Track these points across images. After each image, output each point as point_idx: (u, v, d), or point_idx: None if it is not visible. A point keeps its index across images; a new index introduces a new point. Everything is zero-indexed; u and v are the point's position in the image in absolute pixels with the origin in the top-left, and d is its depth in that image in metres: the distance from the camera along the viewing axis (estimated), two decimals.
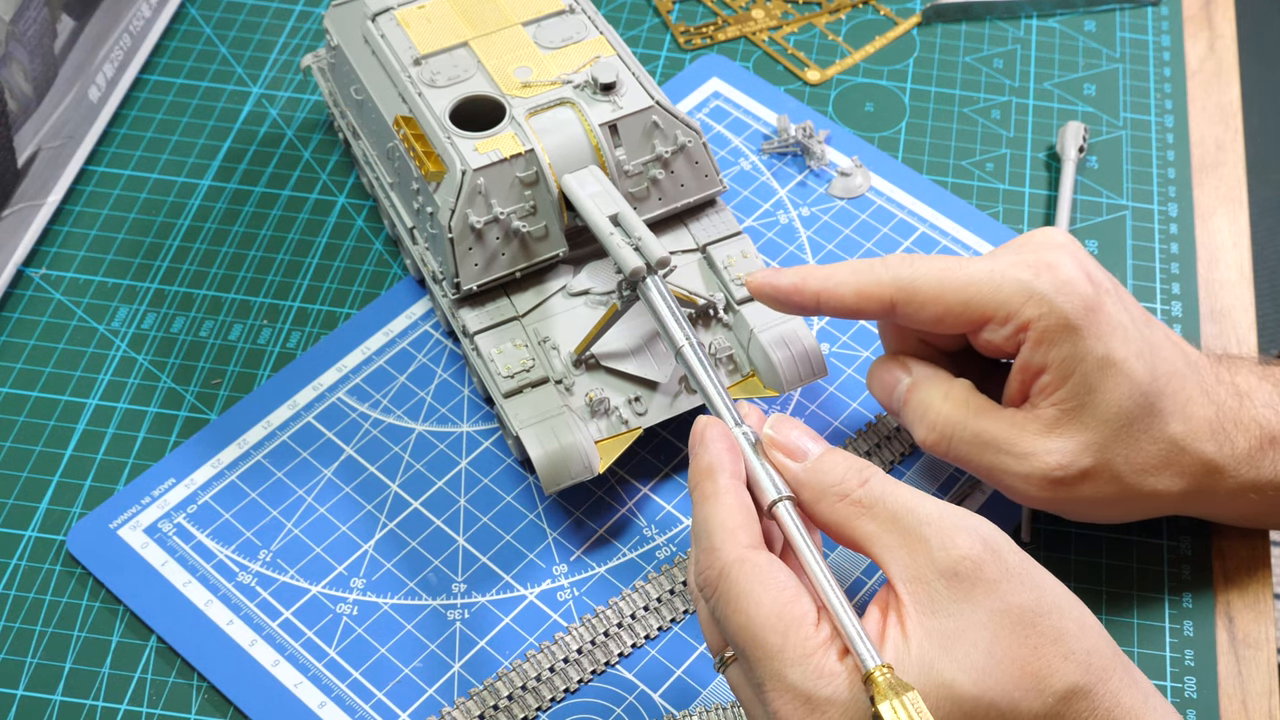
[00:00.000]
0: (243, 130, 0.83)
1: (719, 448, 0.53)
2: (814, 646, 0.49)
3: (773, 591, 0.50)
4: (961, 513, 0.50)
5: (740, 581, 0.50)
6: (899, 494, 0.51)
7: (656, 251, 0.62)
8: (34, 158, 0.77)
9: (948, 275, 0.60)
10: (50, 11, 0.77)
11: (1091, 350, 0.58)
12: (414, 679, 0.62)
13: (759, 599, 0.50)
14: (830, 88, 0.85)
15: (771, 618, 0.49)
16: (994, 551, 0.49)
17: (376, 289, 0.75)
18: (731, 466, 0.53)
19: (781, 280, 0.62)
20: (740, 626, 0.50)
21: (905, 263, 0.60)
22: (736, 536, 0.51)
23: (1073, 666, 0.49)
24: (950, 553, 0.49)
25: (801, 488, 0.53)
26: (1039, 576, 0.50)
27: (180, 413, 0.71)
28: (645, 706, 0.62)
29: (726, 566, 0.50)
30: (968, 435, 0.60)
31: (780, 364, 0.66)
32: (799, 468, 0.53)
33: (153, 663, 0.63)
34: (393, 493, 0.68)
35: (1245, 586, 0.66)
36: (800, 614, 0.49)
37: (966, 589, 0.49)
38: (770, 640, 0.49)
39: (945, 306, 0.60)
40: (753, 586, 0.50)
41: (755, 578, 0.50)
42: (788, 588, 0.50)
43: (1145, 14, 0.89)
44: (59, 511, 0.67)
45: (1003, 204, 0.79)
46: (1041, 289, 0.58)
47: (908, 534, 0.50)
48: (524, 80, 0.69)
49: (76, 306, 0.75)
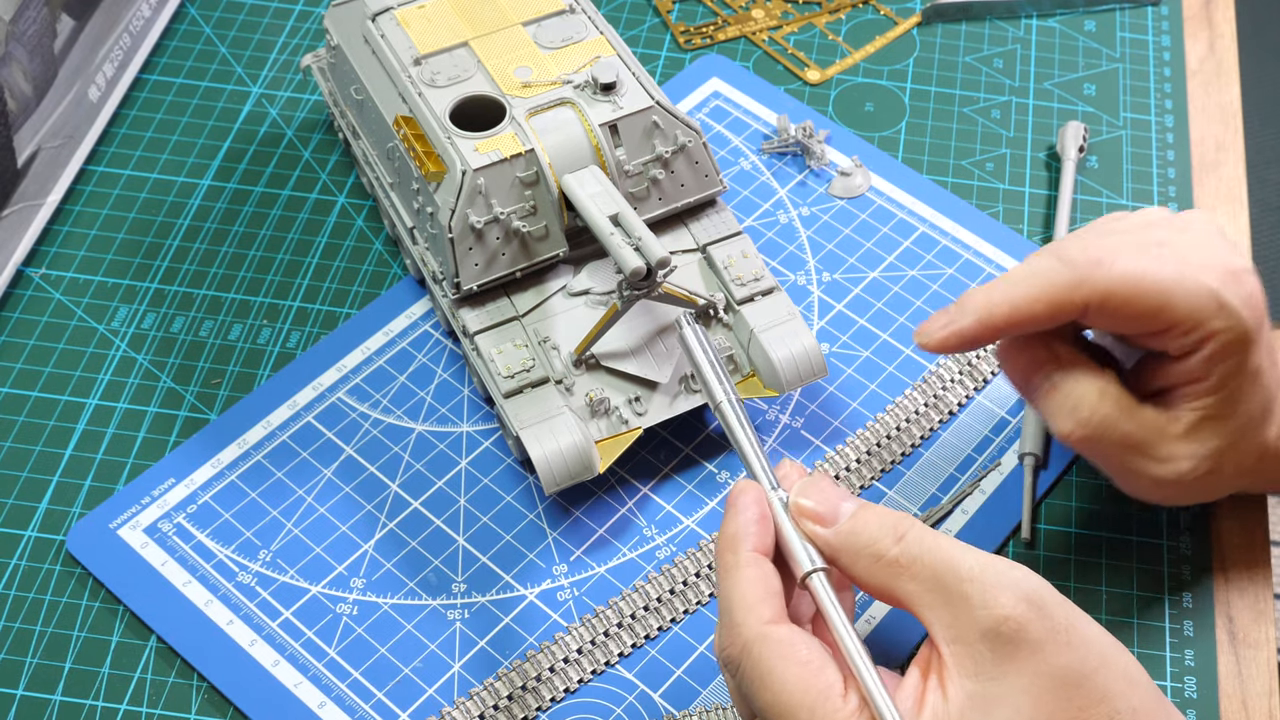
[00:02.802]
0: (242, 130, 0.83)
1: (746, 518, 0.52)
2: (843, 719, 0.48)
3: (796, 667, 0.49)
4: (1004, 566, 0.49)
5: (764, 658, 0.49)
6: (938, 549, 0.49)
7: (656, 251, 0.62)
8: (34, 158, 0.77)
9: (1143, 281, 0.56)
10: (50, 11, 0.77)
11: (1251, 362, 0.57)
12: (414, 679, 0.62)
13: (783, 675, 0.49)
14: (830, 88, 0.85)
15: (797, 693, 0.48)
16: (1038, 609, 0.48)
17: (376, 289, 0.75)
18: (756, 538, 0.51)
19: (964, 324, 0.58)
20: (767, 704, 0.49)
21: (1092, 263, 0.56)
22: (757, 612, 0.50)
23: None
24: (993, 612, 0.47)
25: (837, 553, 0.51)
26: (1085, 630, 0.49)
27: (180, 413, 0.71)
28: (645, 706, 0.62)
29: (748, 644, 0.50)
30: (1117, 436, 0.58)
31: (780, 364, 0.66)
32: (831, 533, 0.51)
33: (152, 663, 0.63)
34: (393, 493, 0.68)
35: (1245, 587, 0.66)
36: (826, 685, 0.48)
37: (1010, 651, 0.47)
38: (799, 716, 0.48)
39: (1137, 312, 0.56)
40: (776, 663, 0.49)
41: (778, 653, 0.49)
42: (812, 661, 0.49)
43: (1145, 14, 0.89)
44: (59, 511, 0.67)
45: (1003, 204, 0.79)
46: (1230, 301, 0.56)
47: (949, 592, 0.48)
48: (524, 80, 0.69)
49: (76, 306, 0.75)
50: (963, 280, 0.75)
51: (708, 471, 0.69)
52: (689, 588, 0.65)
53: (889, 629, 0.64)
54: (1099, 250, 0.57)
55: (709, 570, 0.65)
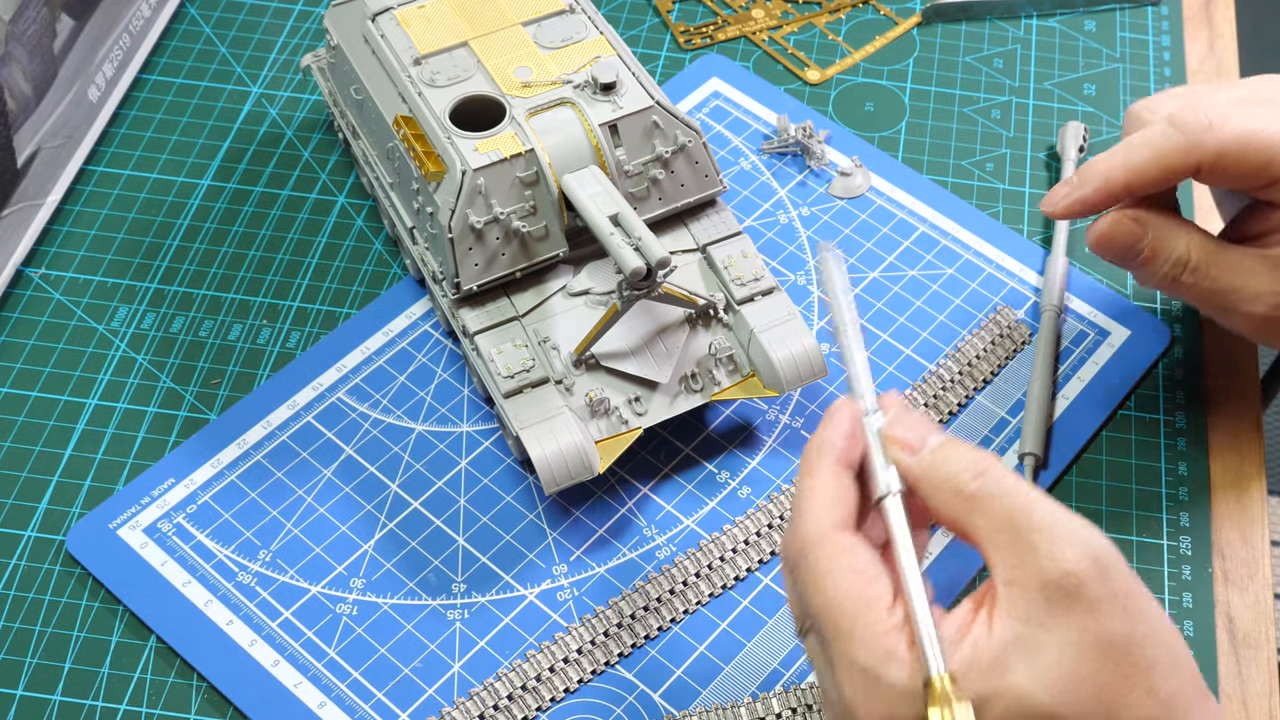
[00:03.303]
0: (242, 130, 0.83)
1: (837, 430, 0.53)
2: (884, 630, 0.49)
3: (850, 574, 0.50)
4: (1078, 523, 0.49)
5: (820, 560, 0.50)
6: (1016, 493, 0.49)
7: (656, 251, 0.62)
8: (33, 158, 0.77)
9: (1253, 140, 0.60)
10: (50, 11, 0.77)
11: None
12: (414, 679, 0.62)
13: (836, 579, 0.50)
14: (830, 88, 0.85)
15: (846, 599, 0.49)
16: (1101, 569, 0.48)
17: (376, 289, 0.75)
18: (841, 451, 0.53)
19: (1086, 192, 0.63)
20: (818, 607, 0.50)
21: (1201, 124, 0.61)
22: (824, 515, 0.51)
23: (1153, 704, 0.48)
24: (1057, 564, 0.48)
25: (918, 481, 0.52)
26: (1143, 603, 0.49)
27: (180, 413, 0.71)
28: (645, 706, 0.62)
29: (808, 544, 0.51)
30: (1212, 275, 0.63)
31: (780, 364, 0.66)
32: (915, 461, 0.52)
33: (152, 663, 0.63)
34: (393, 493, 0.68)
35: (1245, 586, 0.66)
36: (875, 596, 0.49)
37: (1065, 604, 0.48)
38: (842, 621, 0.49)
39: (1246, 170, 0.61)
40: (831, 566, 0.50)
41: (835, 558, 0.50)
42: (866, 570, 0.50)
43: (1145, 14, 0.89)
44: (59, 511, 0.67)
45: (1003, 204, 0.79)
46: None
47: (1017, 536, 0.49)
48: (524, 80, 0.69)
49: (76, 306, 0.75)
50: (963, 280, 0.75)
51: (708, 471, 0.69)
52: (689, 588, 0.65)
53: None
54: (1210, 113, 0.61)
55: (709, 570, 0.65)
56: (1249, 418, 0.72)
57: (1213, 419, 0.71)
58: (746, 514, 0.67)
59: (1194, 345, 0.74)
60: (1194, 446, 0.70)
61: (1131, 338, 0.73)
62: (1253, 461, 0.70)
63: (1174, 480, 0.69)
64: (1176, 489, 0.69)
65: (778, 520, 0.67)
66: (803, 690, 0.61)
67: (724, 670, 0.63)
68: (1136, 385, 0.72)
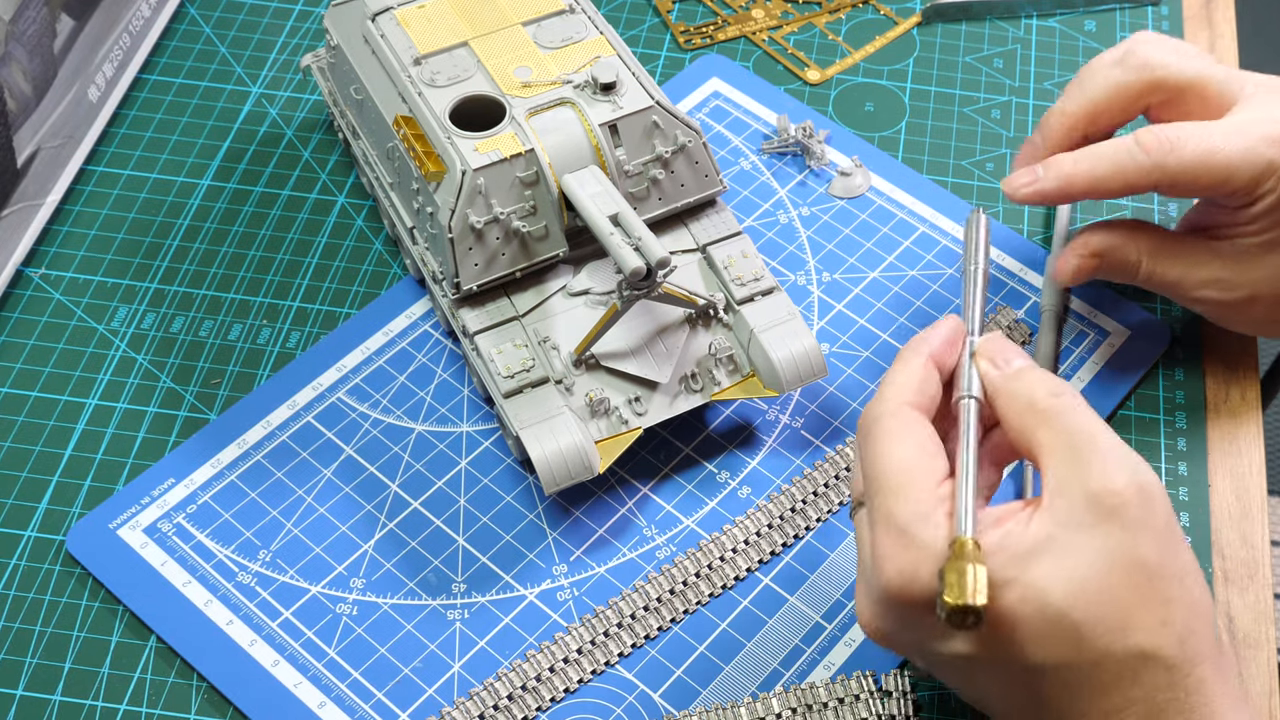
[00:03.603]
0: (242, 130, 0.83)
1: (936, 333, 0.57)
2: (929, 496, 0.52)
3: (912, 444, 0.53)
4: (1135, 458, 0.52)
5: (889, 428, 0.54)
6: (1083, 416, 0.53)
7: (656, 251, 0.62)
8: (33, 158, 0.77)
9: (1209, 161, 0.64)
10: (50, 11, 0.77)
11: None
12: (414, 679, 0.62)
13: (899, 446, 0.54)
14: (830, 87, 0.85)
15: (903, 462, 0.53)
16: (1146, 499, 0.51)
17: (376, 289, 0.75)
18: (935, 350, 0.57)
19: (1047, 187, 0.66)
20: (875, 466, 0.54)
21: (1163, 148, 0.64)
22: (903, 394, 0.55)
23: (1166, 634, 0.50)
24: (1105, 483, 0.50)
25: (998, 393, 0.55)
26: (1178, 544, 0.51)
27: (180, 413, 0.71)
28: (645, 706, 0.62)
29: (882, 414, 0.55)
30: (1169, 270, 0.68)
31: (780, 364, 0.66)
32: (999, 375, 0.56)
33: (152, 663, 0.63)
34: (393, 493, 0.68)
35: (1245, 586, 0.66)
36: (929, 468, 0.53)
37: (1104, 519, 0.50)
38: (893, 480, 0.53)
39: (1201, 186, 0.65)
40: (897, 434, 0.54)
41: (902, 428, 0.54)
42: (928, 445, 0.54)
43: (1145, 14, 0.89)
44: (59, 511, 0.67)
45: (1002, 204, 0.79)
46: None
47: (1077, 453, 0.51)
48: (524, 80, 0.69)
49: (76, 306, 0.75)
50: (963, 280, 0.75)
51: (708, 471, 0.69)
52: (689, 588, 0.65)
53: None
54: (1173, 137, 0.65)
55: (709, 570, 0.65)
56: (1249, 418, 0.72)
57: (1213, 419, 0.71)
58: (746, 514, 0.67)
59: (1194, 345, 0.74)
60: (1194, 446, 0.70)
61: (1131, 338, 0.73)
62: (1252, 461, 0.70)
63: (1174, 480, 0.69)
64: (1176, 489, 0.69)
65: (778, 520, 0.67)
66: (803, 690, 0.61)
67: (724, 670, 0.63)
68: (1136, 385, 0.72)
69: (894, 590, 0.52)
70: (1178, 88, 0.67)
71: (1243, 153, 0.64)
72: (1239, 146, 0.64)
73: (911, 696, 0.61)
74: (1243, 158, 0.64)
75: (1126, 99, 0.67)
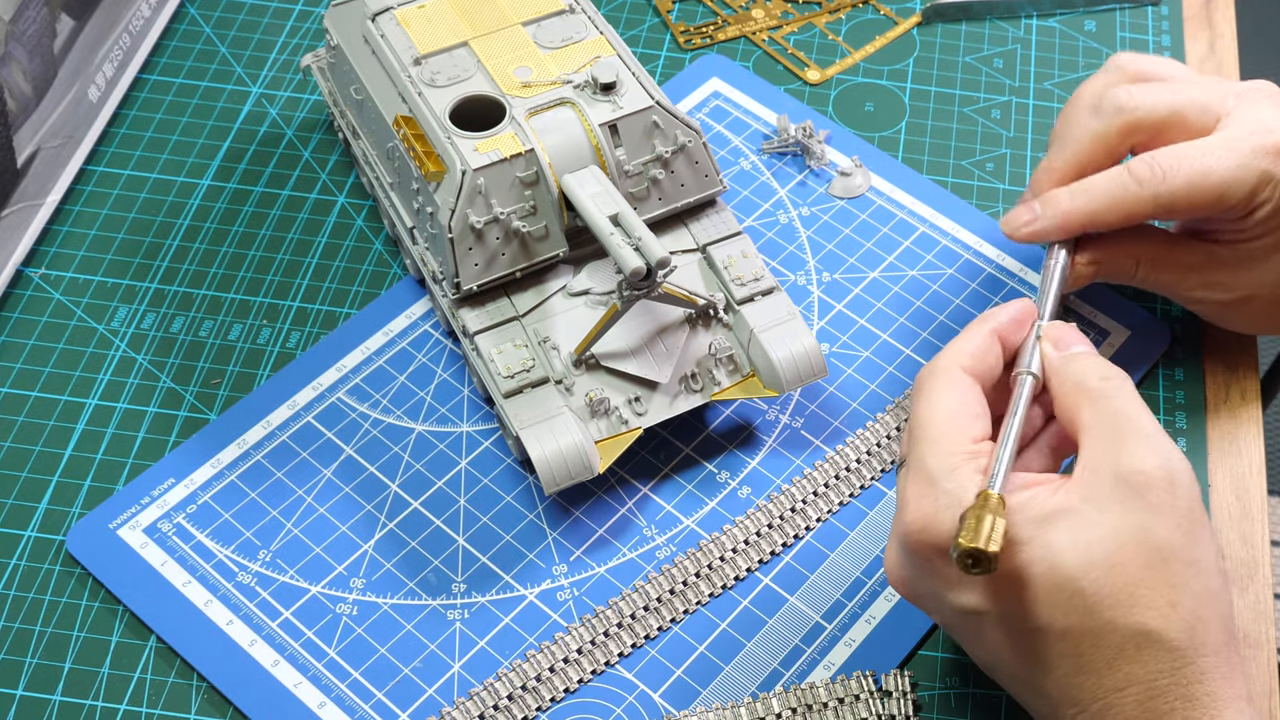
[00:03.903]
0: (242, 130, 0.83)
1: (1009, 313, 0.59)
2: (961, 450, 0.54)
3: (956, 402, 0.56)
4: (1171, 447, 0.53)
5: (938, 383, 0.57)
6: (1127, 400, 0.54)
7: (656, 251, 0.62)
8: (33, 158, 0.77)
9: (1203, 185, 0.65)
10: (50, 11, 0.77)
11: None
12: (414, 679, 0.62)
13: (943, 399, 0.56)
14: (830, 87, 0.85)
15: (944, 413, 0.55)
16: (1172, 484, 0.52)
17: (376, 289, 0.75)
18: (1001, 325, 0.59)
19: (1045, 225, 0.67)
20: (918, 416, 0.56)
21: (1155, 178, 0.65)
22: (959, 356, 0.57)
23: (1173, 617, 0.51)
24: (1134, 464, 0.52)
25: (1053, 373, 0.57)
26: (1199, 532, 0.52)
27: (180, 413, 0.71)
28: (645, 706, 0.62)
29: (935, 369, 0.57)
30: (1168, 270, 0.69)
31: (780, 364, 0.66)
32: (1058, 355, 0.58)
33: (152, 663, 0.63)
34: (393, 493, 0.68)
35: (1245, 586, 0.66)
36: (968, 425, 0.55)
37: (1127, 497, 0.51)
38: (930, 431, 0.55)
39: (1198, 208, 0.65)
40: (945, 389, 0.56)
41: (951, 385, 0.56)
42: (972, 405, 0.56)
43: (1145, 14, 0.89)
44: (59, 511, 0.67)
45: (1002, 204, 0.79)
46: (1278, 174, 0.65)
47: (1116, 434, 0.53)
48: (524, 80, 0.69)
49: (76, 306, 0.75)
50: (963, 280, 0.75)
51: (708, 471, 0.69)
52: (689, 588, 0.65)
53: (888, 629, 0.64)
54: (1165, 164, 0.65)
55: (709, 570, 0.65)
56: (1249, 418, 0.72)
57: (1213, 419, 0.71)
58: (746, 514, 0.67)
59: (1194, 345, 0.74)
60: (1194, 446, 0.70)
61: (1131, 338, 0.73)
62: (1252, 461, 0.70)
63: None
64: None
65: (778, 520, 0.67)
66: (803, 690, 0.61)
67: (724, 670, 0.63)
68: (1136, 385, 0.72)
69: (914, 533, 0.54)
70: (1156, 125, 0.67)
71: (1235, 169, 0.64)
72: (1231, 164, 0.64)
73: (911, 696, 0.61)
74: (1235, 174, 0.64)
75: (1108, 146, 0.68)
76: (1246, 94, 0.67)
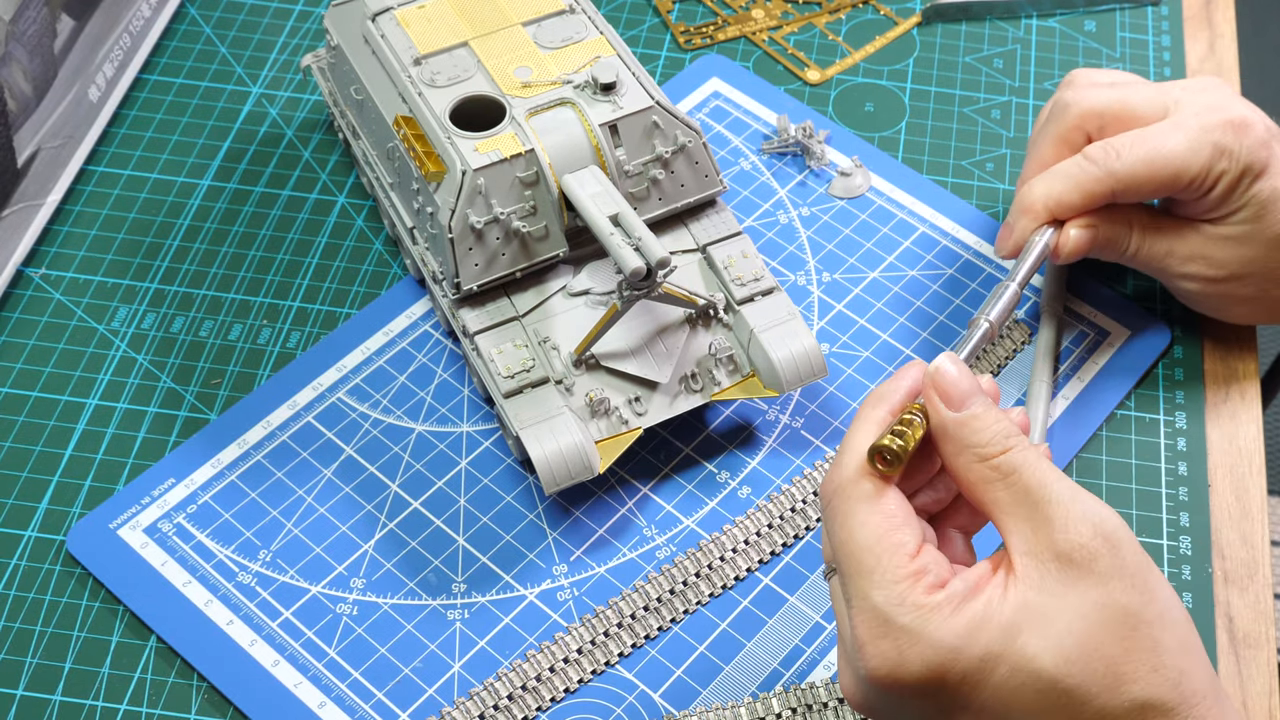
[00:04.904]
0: (242, 130, 0.83)
1: (900, 384, 0.55)
2: (903, 575, 0.50)
3: (878, 517, 0.51)
4: (1093, 502, 0.51)
5: (851, 501, 0.52)
6: (1037, 469, 0.51)
7: (656, 251, 0.62)
8: (34, 158, 0.77)
9: (1156, 161, 0.67)
10: (50, 11, 0.77)
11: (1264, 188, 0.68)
12: (414, 679, 0.62)
13: (863, 520, 0.51)
14: (830, 88, 0.85)
15: (871, 540, 0.51)
16: (1113, 546, 0.50)
17: (376, 289, 0.75)
18: (896, 404, 0.54)
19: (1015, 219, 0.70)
20: (842, 542, 0.52)
21: (1110, 156, 0.68)
22: (862, 459, 0.52)
23: (1159, 680, 0.49)
24: (1070, 538, 0.50)
25: (946, 439, 0.53)
26: (1154, 582, 0.50)
27: (180, 413, 0.71)
28: (645, 706, 0.62)
29: (842, 485, 0.52)
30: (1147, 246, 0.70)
31: (780, 364, 0.66)
32: (950, 417, 0.53)
33: (152, 663, 0.63)
34: (393, 493, 0.68)
35: (1245, 586, 0.66)
36: (899, 542, 0.51)
37: (1077, 575, 0.49)
38: (865, 560, 0.51)
39: (1156, 185, 0.68)
40: (860, 508, 0.52)
41: (865, 501, 0.52)
42: (894, 516, 0.51)
43: (1145, 14, 0.89)
44: (59, 511, 0.67)
45: (1002, 204, 0.79)
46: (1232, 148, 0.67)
47: (1035, 509, 0.51)
48: (524, 80, 0.69)
49: (76, 306, 0.75)
50: (963, 280, 0.75)
51: (708, 471, 0.69)
52: (689, 588, 0.65)
53: None
54: (1117, 144, 0.68)
55: (709, 570, 0.65)
56: (1249, 418, 0.72)
57: (1213, 419, 0.71)
58: (746, 514, 0.67)
59: (1194, 345, 0.74)
60: (1194, 446, 0.70)
61: (1131, 338, 0.73)
62: (1252, 461, 0.70)
63: (1174, 480, 0.69)
64: (1176, 489, 0.69)
65: (778, 520, 0.67)
66: (803, 690, 0.61)
67: (724, 670, 0.63)
68: (1136, 385, 0.72)
69: (880, 678, 0.50)
70: (1107, 115, 0.69)
71: (1186, 145, 0.67)
72: (1180, 140, 0.67)
73: None
74: (1188, 149, 0.67)
75: (1069, 141, 0.70)
76: (1192, 86, 0.70)
